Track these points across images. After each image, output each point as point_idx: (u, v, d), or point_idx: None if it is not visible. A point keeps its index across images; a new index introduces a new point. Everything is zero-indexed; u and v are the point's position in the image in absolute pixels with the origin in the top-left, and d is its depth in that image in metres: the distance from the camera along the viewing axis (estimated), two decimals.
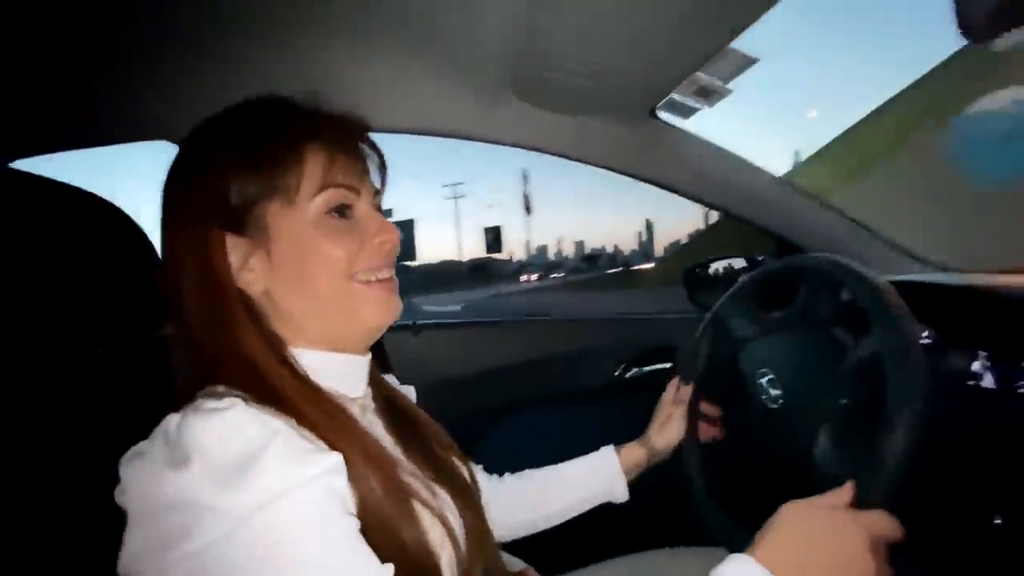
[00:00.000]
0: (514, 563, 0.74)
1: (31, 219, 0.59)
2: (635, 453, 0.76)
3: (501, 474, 0.77)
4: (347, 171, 0.49)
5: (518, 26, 0.70)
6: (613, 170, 0.97)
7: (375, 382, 0.57)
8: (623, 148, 0.94)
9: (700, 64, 0.74)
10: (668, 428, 0.76)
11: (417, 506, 0.45)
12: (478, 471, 0.72)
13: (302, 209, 0.46)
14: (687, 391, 0.76)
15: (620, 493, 0.76)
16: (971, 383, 0.79)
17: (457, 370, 1.19)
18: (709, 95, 0.82)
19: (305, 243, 0.46)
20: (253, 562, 0.34)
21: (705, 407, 0.76)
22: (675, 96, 0.85)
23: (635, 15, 0.66)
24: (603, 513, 1.16)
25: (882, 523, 0.46)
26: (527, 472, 0.77)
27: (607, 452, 0.77)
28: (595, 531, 1.04)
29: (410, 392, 0.68)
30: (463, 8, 0.72)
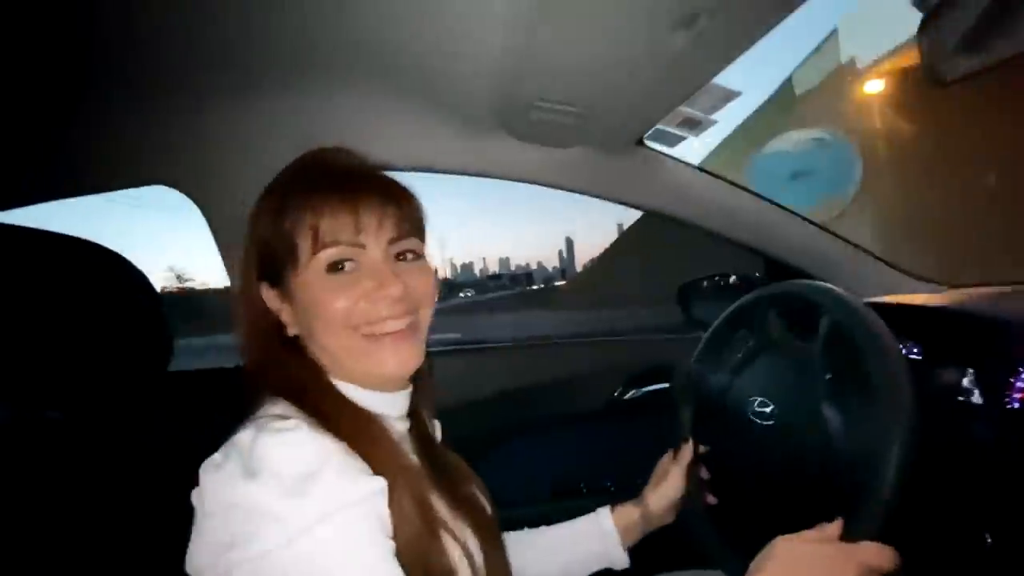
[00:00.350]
0: None
1: (28, 272, 0.59)
2: (628, 513, 0.74)
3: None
4: (345, 228, 0.50)
5: (506, 66, 0.72)
6: (603, 197, 0.99)
7: (415, 414, 0.60)
8: (612, 176, 0.95)
9: (685, 98, 0.76)
10: (664, 487, 0.74)
11: (444, 536, 0.48)
12: None
13: (309, 266, 0.50)
14: (686, 451, 0.75)
15: (618, 558, 0.73)
16: (960, 399, 0.81)
17: (456, 396, 1.19)
18: (694, 126, 0.83)
19: (310, 299, 0.51)
20: (304, 571, 0.37)
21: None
22: (661, 126, 0.86)
23: (621, 54, 0.68)
24: None
25: (875, 555, 0.47)
26: (517, 534, 0.75)
27: (600, 513, 0.75)
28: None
29: (436, 427, 0.69)
30: (450, 47, 0.74)
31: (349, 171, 0.53)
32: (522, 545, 0.73)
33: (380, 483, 0.43)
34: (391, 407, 0.55)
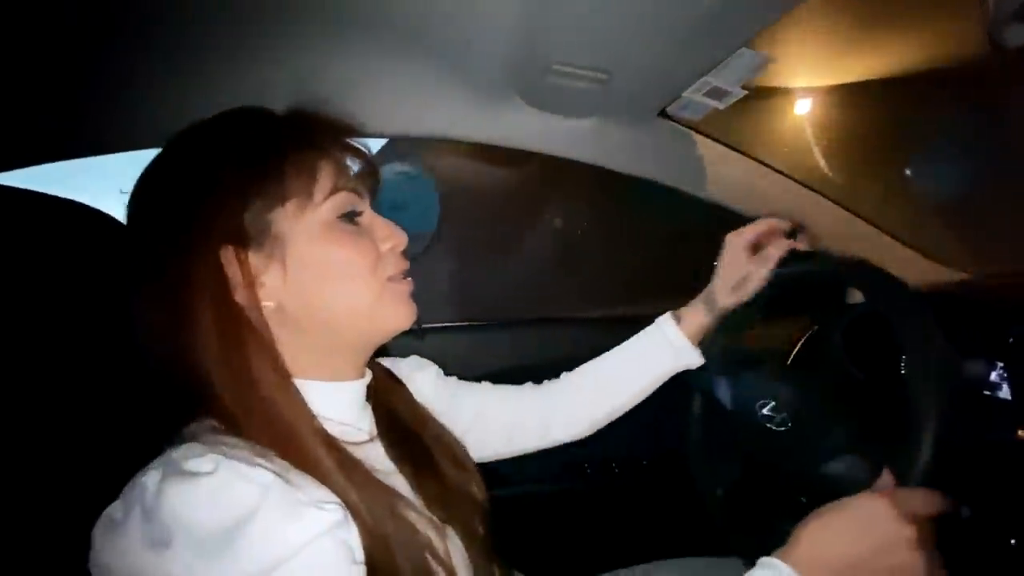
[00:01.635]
0: None
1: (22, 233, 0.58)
2: (697, 318, 0.71)
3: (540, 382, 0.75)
4: (353, 175, 0.49)
5: (521, 28, 0.67)
6: (622, 171, 0.94)
7: (380, 402, 0.56)
8: (633, 149, 0.91)
9: (711, 68, 0.71)
10: (742, 288, 0.68)
11: (423, 547, 0.44)
12: (527, 387, 0.73)
13: (314, 215, 0.45)
14: (777, 246, 0.67)
15: (693, 360, 0.71)
16: (987, 393, 0.78)
17: (467, 374, 1.18)
18: (721, 96, 0.78)
19: (322, 249, 0.45)
20: None
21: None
22: (686, 96, 0.81)
23: (644, 17, 0.63)
24: (611, 523, 1.16)
25: (922, 500, 0.43)
26: (584, 368, 0.73)
27: (666, 326, 0.71)
28: (603, 542, 1.05)
29: (425, 368, 0.67)
30: (464, 8, 0.69)
31: (343, 120, 0.51)
32: (593, 379, 0.72)
33: (336, 515, 0.36)
34: (357, 397, 0.52)
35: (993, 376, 0.77)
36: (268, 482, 0.35)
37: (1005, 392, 0.76)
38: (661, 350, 0.71)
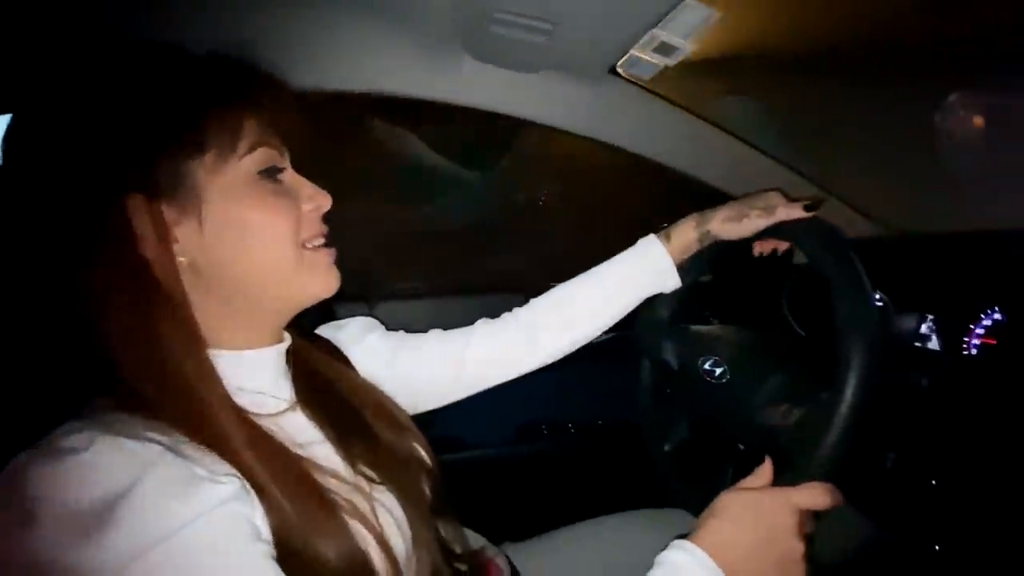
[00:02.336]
0: (476, 540, 0.74)
1: None
2: (685, 238, 0.68)
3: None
4: (277, 132, 0.46)
5: None
6: (573, 132, 0.93)
7: (303, 370, 0.53)
8: (582, 109, 0.89)
9: (659, 19, 0.70)
10: (738, 226, 0.65)
11: (346, 517, 0.41)
12: (500, 320, 0.71)
13: (233, 168, 0.42)
14: (790, 208, 0.64)
15: (672, 284, 0.70)
16: (917, 345, 0.81)
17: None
18: (670, 52, 0.77)
19: (241, 207, 0.42)
20: None
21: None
22: (635, 53, 0.80)
23: None
24: (567, 482, 1.19)
25: (812, 495, 0.46)
26: (560, 290, 0.71)
27: (653, 247, 0.69)
28: (556, 498, 1.07)
29: (374, 329, 0.66)
30: None
31: (275, 73, 0.47)
32: (570, 302, 0.70)
33: (229, 487, 0.34)
34: (276, 364, 0.49)
35: (923, 328, 0.80)
36: (151, 456, 0.33)
37: (934, 343, 0.80)
38: (645, 274, 0.69)
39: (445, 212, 1.71)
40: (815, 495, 0.46)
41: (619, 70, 0.86)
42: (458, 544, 0.56)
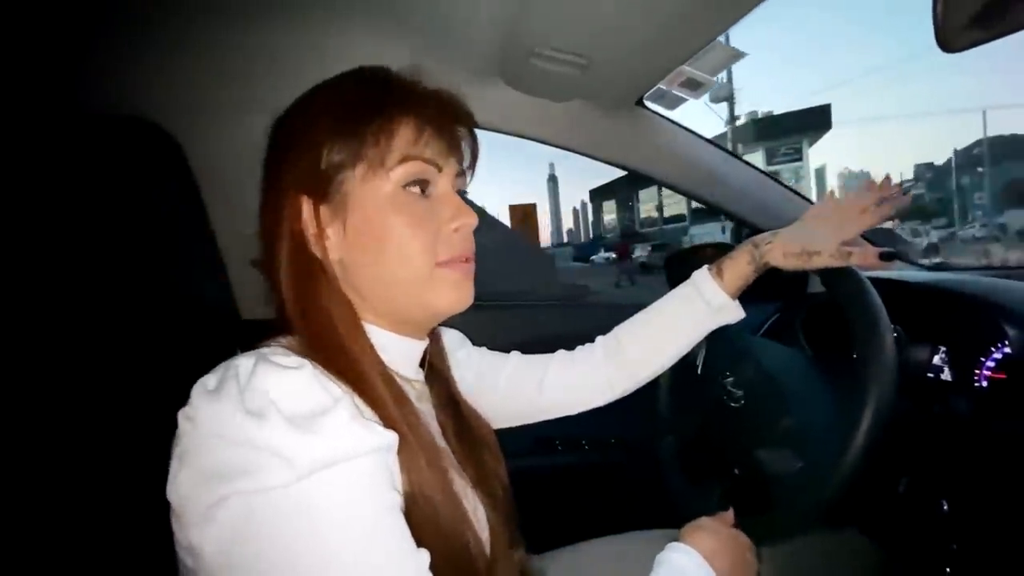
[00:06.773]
0: None
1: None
2: (740, 271, 0.67)
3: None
4: (432, 146, 0.47)
5: (508, 10, 0.69)
6: (598, 157, 0.97)
7: (435, 369, 0.57)
8: (609, 136, 0.93)
9: (688, 56, 0.74)
10: (805, 261, 0.64)
11: (458, 498, 0.46)
12: (579, 351, 0.74)
13: (381, 179, 0.45)
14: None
15: (734, 316, 0.69)
16: (930, 376, 0.83)
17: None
18: (696, 87, 0.82)
19: (382, 218, 0.46)
20: (301, 517, 0.34)
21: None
22: (663, 86, 0.84)
23: (625, 5, 0.65)
24: (575, 495, 1.19)
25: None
26: (620, 332, 0.72)
27: (703, 285, 0.68)
28: (578, 514, 1.08)
29: (465, 345, 0.69)
30: None
31: (442, 92, 0.49)
32: (632, 345, 0.71)
33: (391, 436, 0.39)
34: (415, 354, 0.53)
35: (936, 360, 0.82)
36: (338, 395, 0.39)
37: (947, 375, 0.81)
38: (699, 312, 0.69)
39: None
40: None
41: (646, 102, 0.91)
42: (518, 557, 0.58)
